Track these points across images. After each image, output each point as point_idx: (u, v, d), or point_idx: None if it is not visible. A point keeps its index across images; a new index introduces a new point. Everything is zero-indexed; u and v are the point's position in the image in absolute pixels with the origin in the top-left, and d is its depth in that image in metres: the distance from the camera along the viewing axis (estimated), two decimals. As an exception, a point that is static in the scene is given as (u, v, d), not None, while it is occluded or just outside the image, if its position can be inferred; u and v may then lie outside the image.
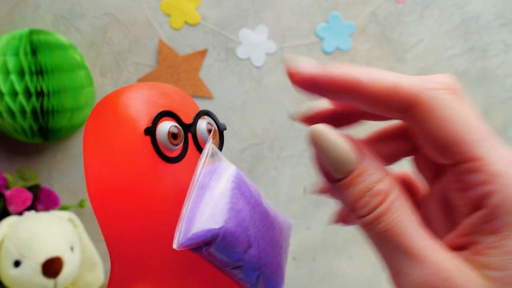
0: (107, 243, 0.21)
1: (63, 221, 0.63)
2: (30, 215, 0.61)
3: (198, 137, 0.23)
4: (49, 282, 0.58)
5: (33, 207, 0.64)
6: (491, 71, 0.77)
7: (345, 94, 0.18)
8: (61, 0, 0.69)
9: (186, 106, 0.24)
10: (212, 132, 0.23)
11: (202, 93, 0.73)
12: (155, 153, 0.21)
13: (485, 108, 0.78)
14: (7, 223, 0.59)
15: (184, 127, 0.22)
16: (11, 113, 0.62)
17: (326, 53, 0.74)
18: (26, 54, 0.62)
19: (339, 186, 0.18)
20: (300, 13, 0.73)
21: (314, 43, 0.74)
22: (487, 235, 0.17)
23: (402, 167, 0.23)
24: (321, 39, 0.74)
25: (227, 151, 0.75)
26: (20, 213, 0.62)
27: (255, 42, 0.73)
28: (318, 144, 0.18)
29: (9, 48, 0.62)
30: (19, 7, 0.69)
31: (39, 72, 0.62)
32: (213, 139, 0.23)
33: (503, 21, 0.76)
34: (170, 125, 0.21)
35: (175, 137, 0.21)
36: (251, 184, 0.22)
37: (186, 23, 0.72)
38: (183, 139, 0.22)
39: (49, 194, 0.65)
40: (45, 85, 0.62)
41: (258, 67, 0.74)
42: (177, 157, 0.22)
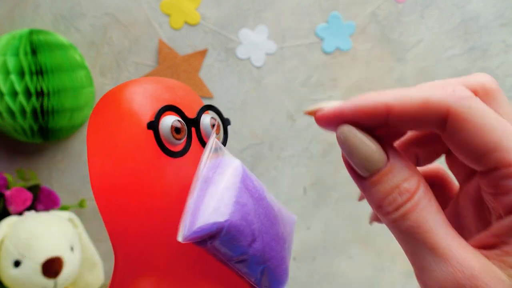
0: (111, 238, 0.21)
1: (63, 221, 0.63)
2: (30, 215, 0.61)
3: (201, 131, 0.23)
4: (49, 282, 0.57)
5: (33, 207, 0.64)
6: (491, 71, 0.77)
7: (377, 120, 0.19)
8: (61, 0, 0.69)
9: (190, 100, 0.24)
10: (215, 126, 0.23)
11: (202, 93, 0.73)
12: (158, 148, 0.21)
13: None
14: (7, 223, 0.59)
15: (187, 122, 0.22)
16: (11, 113, 0.62)
17: (326, 53, 0.75)
18: (26, 54, 0.62)
19: (367, 184, 0.19)
20: (300, 13, 0.73)
21: (314, 43, 0.74)
22: None
23: (435, 162, 0.24)
24: (321, 39, 0.74)
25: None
26: (20, 213, 0.62)
27: (255, 42, 0.73)
28: (346, 143, 0.19)
29: (9, 48, 0.62)
30: (19, 7, 0.69)
31: (39, 72, 0.62)
32: (217, 133, 0.23)
33: (503, 21, 0.76)
34: (173, 119, 0.21)
35: (178, 131, 0.21)
36: (255, 178, 0.22)
37: (186, 23, 0.72)
38: (186, 134, 0.22)
39: (49, 194, 0.65)
40: (45, 85, 0.62)
41: (258, 67, 0.74)
42: (180, 151, 0.22)
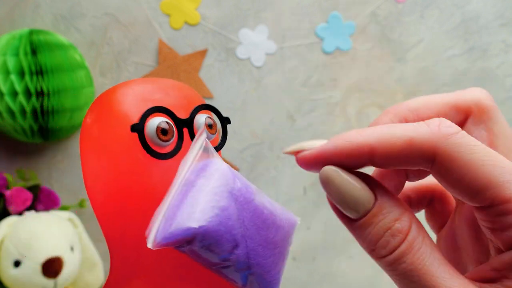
0: (107, 241, 0.21)
1: (63, 221, 0.63)
2: (30, 215, 0.61)
3: (195, 132, 0.22)
4: (49, 282, 0.58)
5: (33, 207, 0.64)
6: (491, 71, 0.77)
7: (361, 162, 0.18)
8: (61, 0, 0.69)
9: (185, 100, 0.23)
10: (202, 127, 0.22)
11: (202, 93, 0.73)
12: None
13: (485, 108, 0.77)
14: (7, 223, 0.59)
15: (179, 122, 0.22)
16: (11, 113, 0.62)
17: (326, 53, 0.74)
18: (26, 54, 0.62)
19: (356, 226, 0.18)
20: (300, 13, 0.73)
21: (314, 43, 0.74)
22: None
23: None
24: (321, 39, 0.74)
25: (227, 151, 0.75)
26: (20, 213, 0.62)
27: (255, 42, 0.73)
28: (331, 184, 0.18)
29: (9, 48, 0.62)
30: (19, 7, 0.69)
31: (39, 72, 0.62)
32: (212, 133, 0.23)
33: (503, 21, 0.76)
34: (159, 120, 0.21)
35: (165, 132, 0.21)
36: (243, 181, 0.21)
37: (186, 23, 0.72)
38: (174, 135, 0.21)
39: (49, 194, 0.65)
40: (45, 85, 0.62)
41: (258, 67, 0.74)
42: (169, 153, 0.21)
